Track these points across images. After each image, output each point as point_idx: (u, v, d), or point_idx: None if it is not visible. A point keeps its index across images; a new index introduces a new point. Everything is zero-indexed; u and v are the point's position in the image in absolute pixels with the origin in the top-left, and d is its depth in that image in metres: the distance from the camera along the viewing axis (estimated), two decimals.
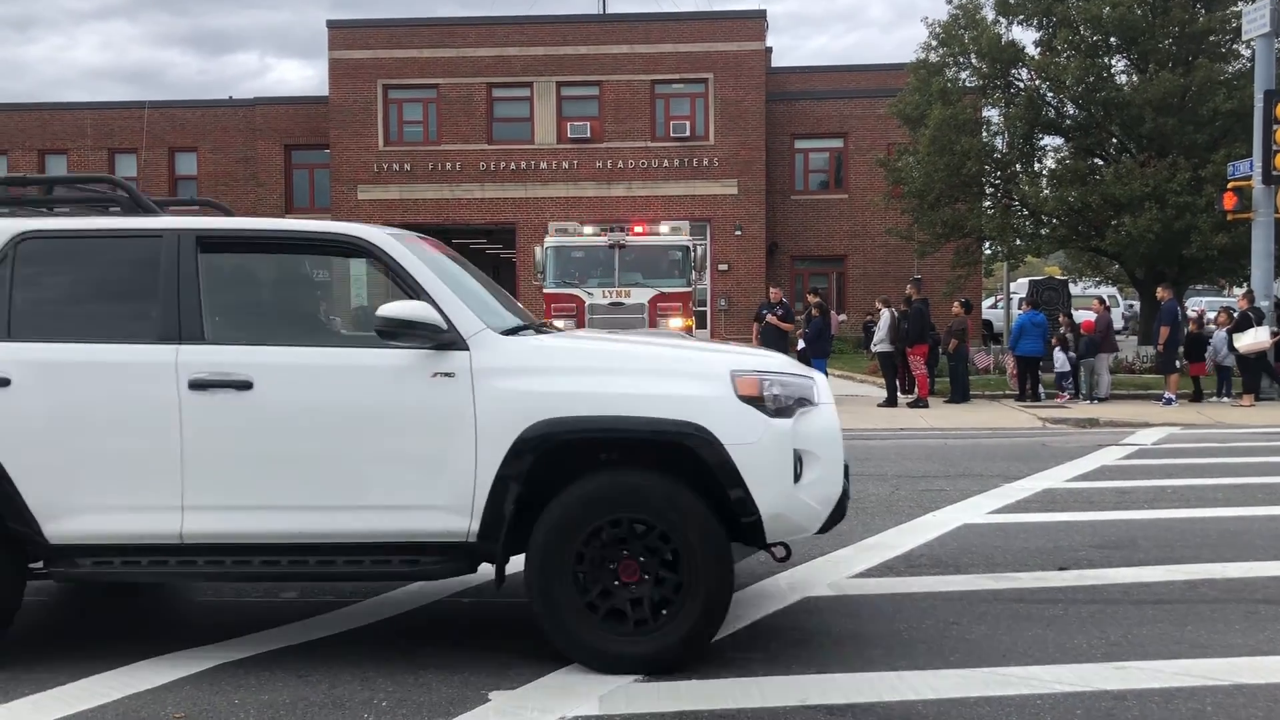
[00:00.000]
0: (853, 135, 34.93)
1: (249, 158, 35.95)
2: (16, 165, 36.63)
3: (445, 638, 6.05)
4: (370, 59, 34.14)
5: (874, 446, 14.00)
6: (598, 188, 33.69)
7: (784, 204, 35.08)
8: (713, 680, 5.32)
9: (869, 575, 7.30)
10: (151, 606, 6.76)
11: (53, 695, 5.22)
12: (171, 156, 36.61)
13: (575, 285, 19.41)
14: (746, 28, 34.19)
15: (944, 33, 26.01)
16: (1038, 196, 25.13)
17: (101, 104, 37.81)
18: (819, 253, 35.41)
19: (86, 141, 36.50)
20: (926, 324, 18.38)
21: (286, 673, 5.50)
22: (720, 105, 33.61)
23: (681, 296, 19.44)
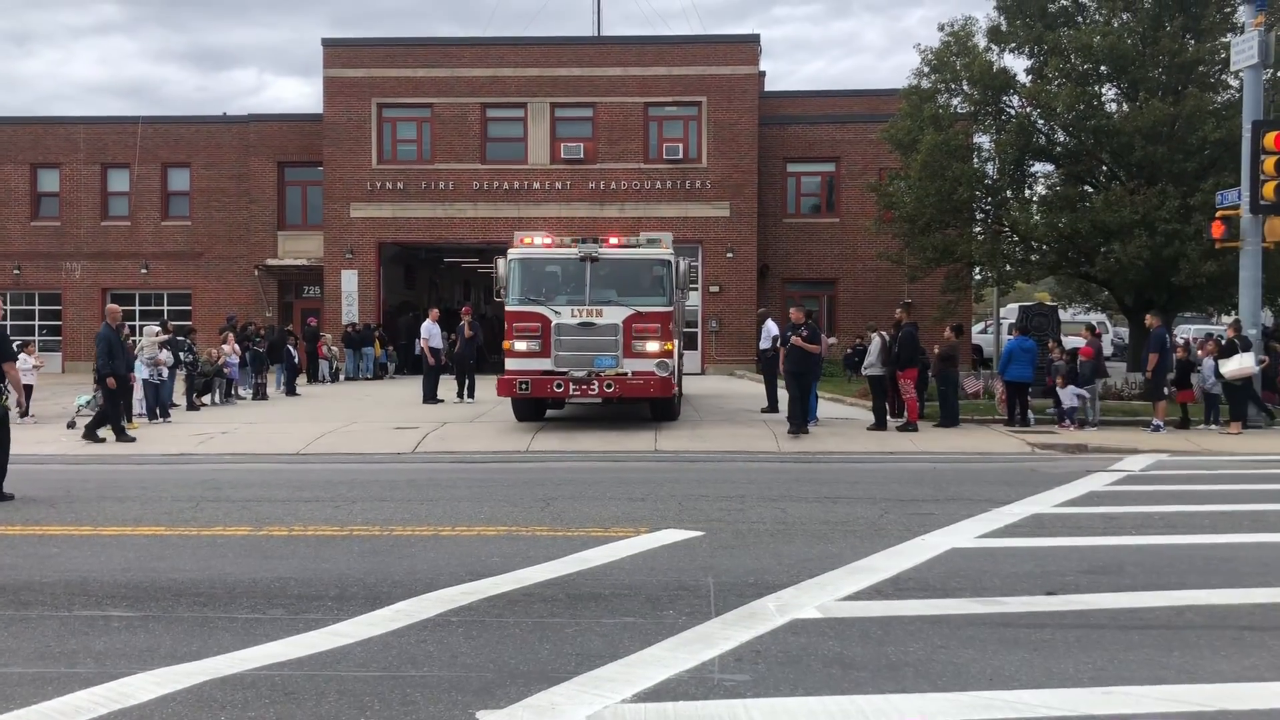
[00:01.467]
0: (845, 159, 35.10)
1: (242, 174, 35.94)
2: (8, 179, 36.59)
3: (432, 658, 6.04)
4: (365, 78, 34.23)
5: (863, 470, 14.02)
6: (590, 208, 33.74)
7: (775, 227, 35.19)
8: (700, 701, 5.32)
9: (857, 598, 7.30)
10: (138, 621, 6.73)
11: (39, 711, 5.20)
12: (164, 172, 36.57)
13: (542, 303, 17.26)
14: (740, 52, 34.38)
15: (936, 59, 26.17)
16: (1028, 223, 25.24)
17: (95, 118, 37.75)
18: (810, 275, 35.52)
19: (79, 156, 36.46)
20: (917, 347, 18.42)
21: (274, 690, 5.48)
22: (713, 128, 33.76)
23: (661, 317, 17.18)
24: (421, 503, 11.26)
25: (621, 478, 13.16)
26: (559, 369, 17.01)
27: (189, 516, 10.46)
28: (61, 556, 8.70)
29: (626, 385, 16.96)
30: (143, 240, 36.38)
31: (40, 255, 36.47)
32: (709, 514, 10.44)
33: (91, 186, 36.47)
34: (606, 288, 17.31)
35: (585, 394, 17.22)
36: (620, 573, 8.00)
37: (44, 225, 36.66)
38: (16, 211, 36.62)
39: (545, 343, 17.12)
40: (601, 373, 16.93)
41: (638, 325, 17.05)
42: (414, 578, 7.82)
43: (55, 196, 36.69)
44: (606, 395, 17.20)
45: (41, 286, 36.67)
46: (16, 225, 36.56)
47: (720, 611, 6.89)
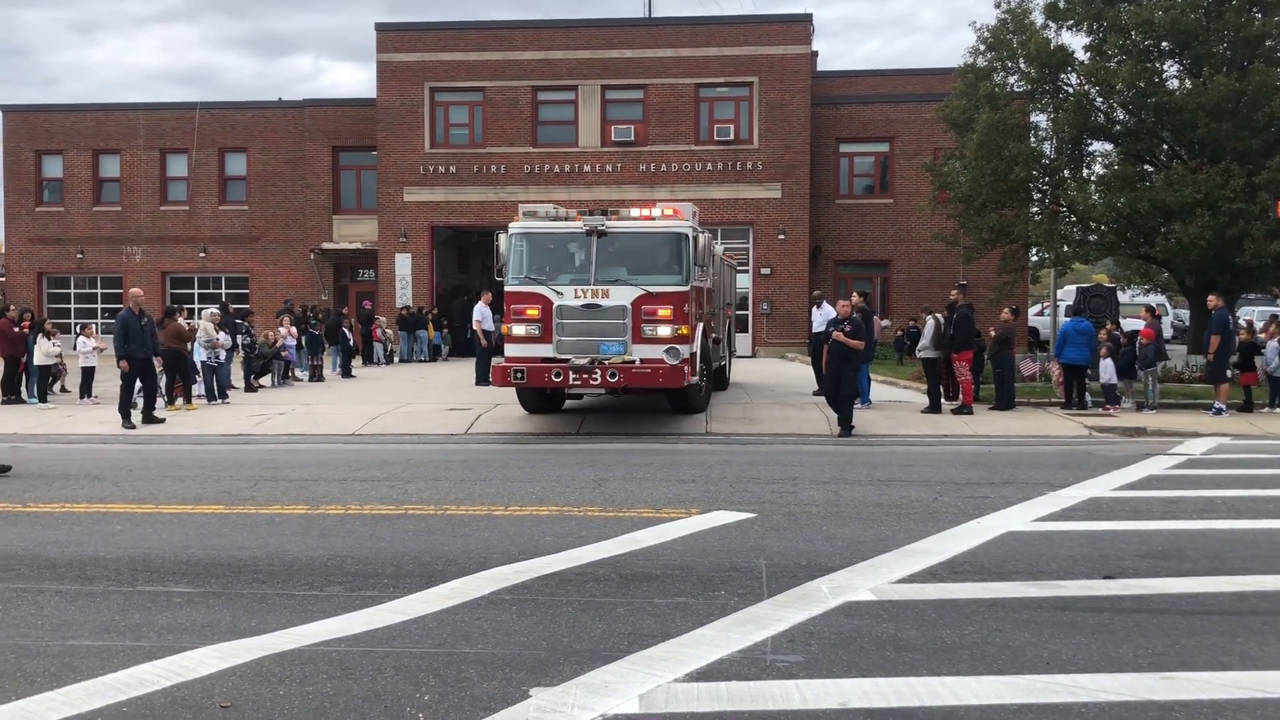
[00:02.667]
0: (898, 139, 34.69)
1: (297, 159, 36.34)
2: (72, 165, 37.32)
3: (486, 635, 6.09)
4: (418, 62, 34.41)
5: (916, 453, 13.90)
6: (641, 191, 33.66)
7: (828, 208, 34.90)
8: (753, 681, 5.32)
9: (911, 581, 7.25)
10: (199, 597, 6.87)
11: (105, 682, 5.33)
12: (221, 157, 37.07)
13: (542, 282, 15.46)
14: (792, 31, 34.06)
15: (992, 37, 25.73)
16: (1086, 203, 24.78)
17: (154, 105, 38.36)
18: (863, 257, 35.18)
19: (139, 142, 37.07)
20: (972, 330, 18.20)
21: (331, 666, 5.57)
22: (765, 109, 33.52)
23: (675, 298, 15.19)
24: (475, 482, 11.35)
25: (673, 459, 13.16)
26: (561, 356, 15.24)
27: (247, 495, 10.64)
28: (125, 533, 8.89)
29: (633, 375, 14.98)
30: (201, 224, 36.94)
31: (102, 240, 37.17)
32: (760, 496, 10.41)
33: (151, 172, 37.07)
34: (616, 265, 15.46)
35: (587, 384, 15.30)
36: (672, 553, 8.01)
37: (105, 210, 37.35)
38: (79, 197, 37.34)
39: (546, 326, 15.35)
40: (606, 360, 15.10)
41: (647, 307, 15.15)
42: (468, 556, 7.90)
43: (116, 182, 37.36)
44: (611, 386, 15.29)
45: (103, 270, 37.39)
46: (80, 210, 37.28)
47: (773, 593, 6.88)
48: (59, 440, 15.54)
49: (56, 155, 37.50)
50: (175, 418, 17.45)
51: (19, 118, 37.71)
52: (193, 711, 4.96)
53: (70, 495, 10.71)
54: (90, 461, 13.30)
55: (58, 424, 17.02)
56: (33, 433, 16.13)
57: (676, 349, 15.07)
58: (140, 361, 16.60)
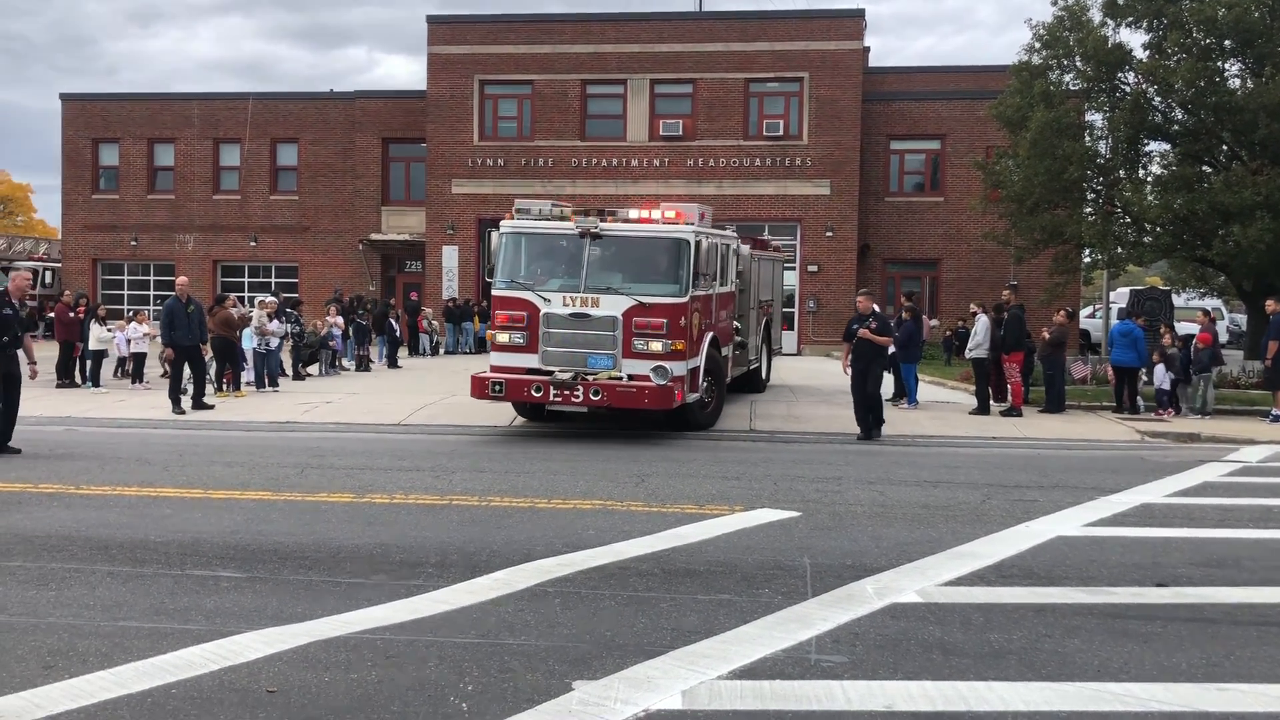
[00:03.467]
0: (950, 137, 34.32)
1: (348, 150, 36.65)
2: (127, 153, 37.90)
3: (530, 627, 6.09)
4: (468, 54, 34.56)
5: (964, 454, 13.74)
6: (688, 186, 33.59)
7: (878, 205, 34.61)
8: (797, 681, 5.27)
9: (958, 584, 7.16)
10: (246, 582, 6.93)
11: (154, 663, 5.39)
12: (273, 147, 37.46)
13: (530, 288, 14.34)
14: (844, 27, 33.80)
15: (1048, 34, 25.38)
16: (1141, 204, 24.36)
17: (208, 95, 38.86)
18: (912, 256, 34.87)
19: (193, 131, 37.57)
20: (1023, 331, 17.96)
21: (376, 654, 5.60)
22: (815, 104, 33.29)
23: (670, 310, 13.88)
24: (518, 475, 11.37)
25: (716, 456, 13.12)
26: (546, 367, 14.21)
27: (294, 482, 10.74)
28: (174, 517, 9.01)
29: (617, 394, 13.84)
30: (252, 214, 37.37)
31: (156, 227, 37.73)
32: (805, 495, 10.34)
33: (204, 161, 37.56)
34: (610, 271, 14.31)
35: (568, 401, 14.10)
36: (715, 550, 7.98)
37: (159, 199, 37.90)
38: (134, 185, 37.92)
39: (532, 335, 14.26)
40: (590, 376, 14.01)
41: (639, 320, 13.91)
42: (512, 548, 7.91)
43: (170, 171, 37.89)
44: (593, 405, 14.08)
45: (157, 258, 37.95)
46: (134, 198, 37.87)
47: (817, 592, 6.83)
48: (110, 424, 15.79)
49: (113, 143, 38.12)
50: (224, 404, 17.67)
51: (77, 106, 38.37)
52: (239, 695, 5.01)
53: (121, 479, 10.87)
54: (141, 446, 13.50)
55: (110, 408, 17.30)
56: (86, 416, 16.40)
57: (665, 367, 13.80)
58: (187, 349, 16.82)
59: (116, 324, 21.72)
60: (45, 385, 20.14)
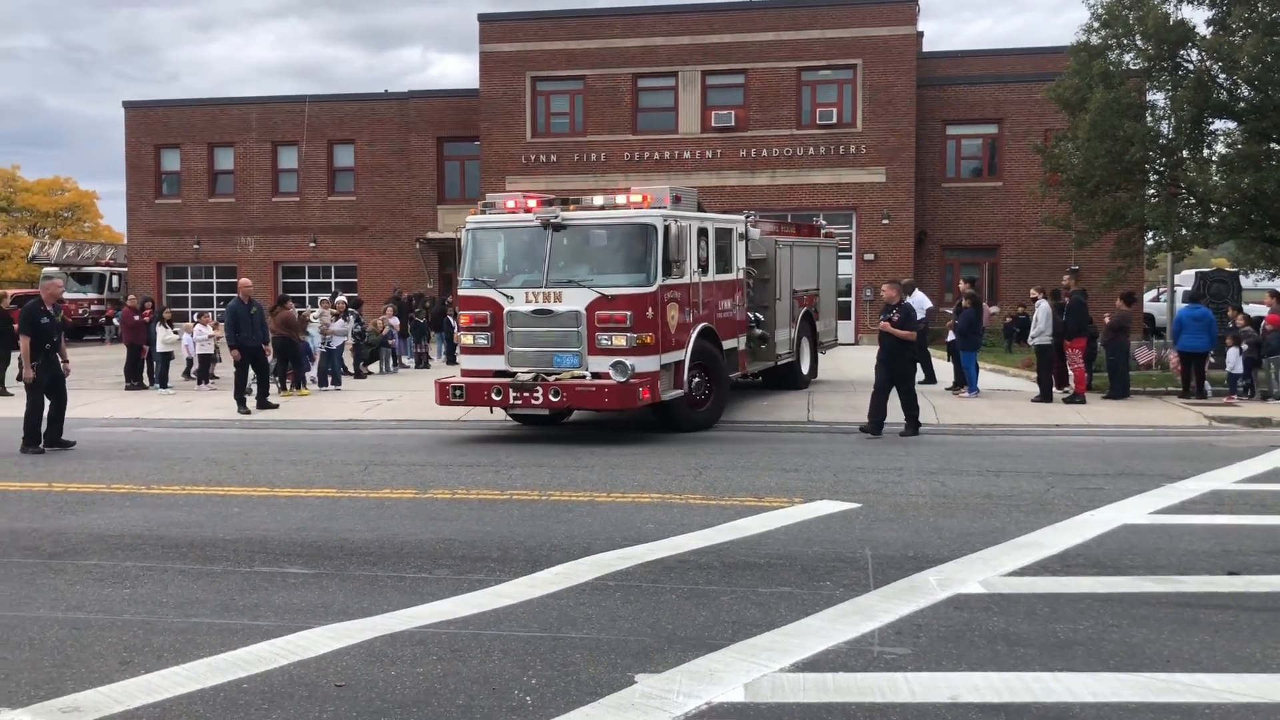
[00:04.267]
0: (1008, 121, 33.81)
1: (403, 149, 37.02)
2: (188, 158, 38.62)
3: (591, 620, 6.13)
4: (519, 52, 34.72)
5: (1027, 443, 13.56)
6: (741, 177, 33.50)
7: (934, 192, 34.23)
8: (860, 674, 5.25)
9: (1023, 574, 7.07)
10: (313, 578, 7.06)
11: (226, 659, 5.52)
12: (330, 149, 37.96)
13: (493, 285, 13.68)
14: (897, 12, 33.43)
15: (1107, 13, 24.83)
16: (1206, 184, 23.76)
17: (266, 98, 39.44)
18: (971, 242, 34.42)
19: (252, 135, 38.18)
20: (1085, 316, 17.65)
21: (441, 647, 5.67)
22: (869, 91, 32.98)
23: (635, 301, 13.00)
24: (577, 469, 11.43)
25: (773, 448, 13.07)
26: (511, 369, 13.61)
27: (358, 479, 10.90)
28: (242, 515, 9.19)
29: (576, 393, 13.13)
30: (310, 215, 37.89)
31: (217, 230, 38.41)
32: (865, 486, 10.28)
33: (263, 164, 38.15)
34: (575, 264, 13.53)
35: (528, 404, 13.36)
36: (775, 543, 7.96)
37: (220, 202, 38.58)
38: (196, 189, 38.64)
39: (497, 336, 13.61)
40: (551, 376, 13.35)
41: (601, 313, 13.08)
42: (572, 542, 7.96)
43: (230, 174, 38.55)
44: (553, 406, 13.40)
45: (219, 260, 38.65)
46: (196, 202, 38.59)
47: (879, 584, 6.79)
48: (178, 425, 16.13)
49: (174, 149, 38.87)
50: (288, 403, 17.97)
51: (139, 113, 39.17)
52: (309, 689, 5.10)
53: (190, 478, 11.11)
54: (208, 445, 13.78)
55: (177, 409, 17.67)
56: (154, 417, 16.77)
57: (624, 363, 12.92)
58: (251, 350, 17.11)
59: (182, 326, 22.16)
60: (114, 387, 20.65)
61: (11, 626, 6.13)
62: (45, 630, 6.05)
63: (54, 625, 6.14)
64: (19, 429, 13.26)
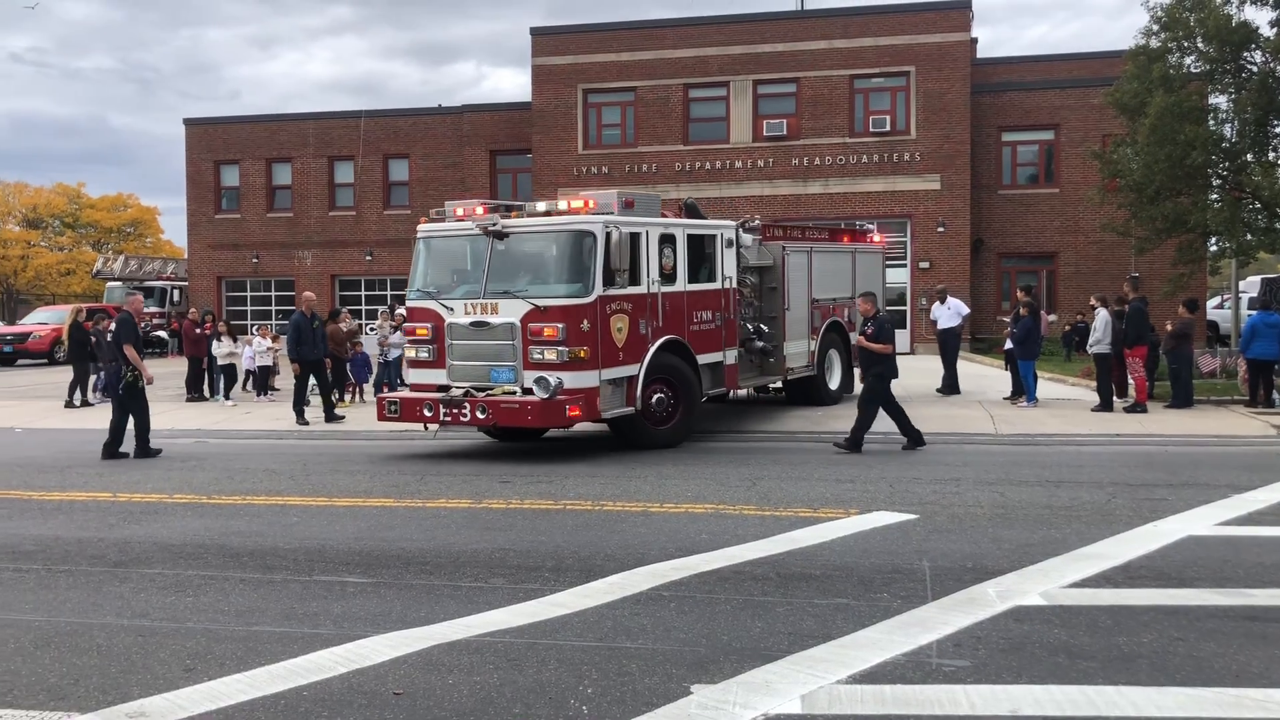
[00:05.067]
0: (1064, 127, 33.37)
1: (457, 163, 37.38)
2: (247, 173, 39.33)
3: (646, 631, 6.13)
4: (571, 64, 34.93)
5: (1087, 453, 13.34)
6: (793, 185, 33.40)
7: (990, 199, 33.86)
8: (918, 686, 5.20)
9: (1084, 585, 6.96)
10: (371, 587, 7.13)
11: (286, 667, 5.59)
12: (385, 163, 38.45)
13: (435, 296, 13.33)
14: (950, 19, 33.16)
15: (1167, 16, 24.44)
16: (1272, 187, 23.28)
17: (322, 114, 40.06)
18: (1028, 250, 33.99)
19: (309, 150, 38.80)
20: (1146, 324, 17.33)
21: (497, 656, 5.70)
22: (923, 99, 32.73)
23: (571, 313, 12.40)
24: (630, 479, 11.44)
25: (828, 458, 12.98)
26: (451, 384, 13.19)
27: (414, 489, 11.01)
28: (301, 525, 9.32)
29: (501, 410, 12.63)
30: (367, 229, 38.38)
31: (276, 244, 39.05)
32: (922, 496, 10.17)
33: (320, 179, 38.73)
34: (515, 274, 12.98)
35: (457, 421, 12.96)
36: (831, 554, 7.91)
37: (278, 216, 39.22)
38: (254, 204, 39.33)
39: (439, 349, 13.22)
40: (482, 392, 12.89)
41: (533, 325, 12.51)
42: (626, 552, 7.97)
43: (288, 189, 39.18)
44: (480, 424, 13.03)
45: (277, 274, 39.27)
46: (255, 217, 39.27)
47: (937, 596, 6.71)
48: (238, 436, 16.39)
49: (233, 165, 39.61)
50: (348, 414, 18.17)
51: (200, 130, 39.97)
52: (367, 698, 5.15)
53: (250, 488, 11.29)
54: (267, 456, 13.99)
55: (238, 420, 17.96)
56: (215, 428, 17.06)
57: (547, 379, 12.32)
58: (313, 363, 17.35)
59: (243, 339, 22.54)
60: (175, 399, 21.03)
61: (79, 632, 6.26)
62: (112, 636, 6.17)
63: (120, 632, 6.27)
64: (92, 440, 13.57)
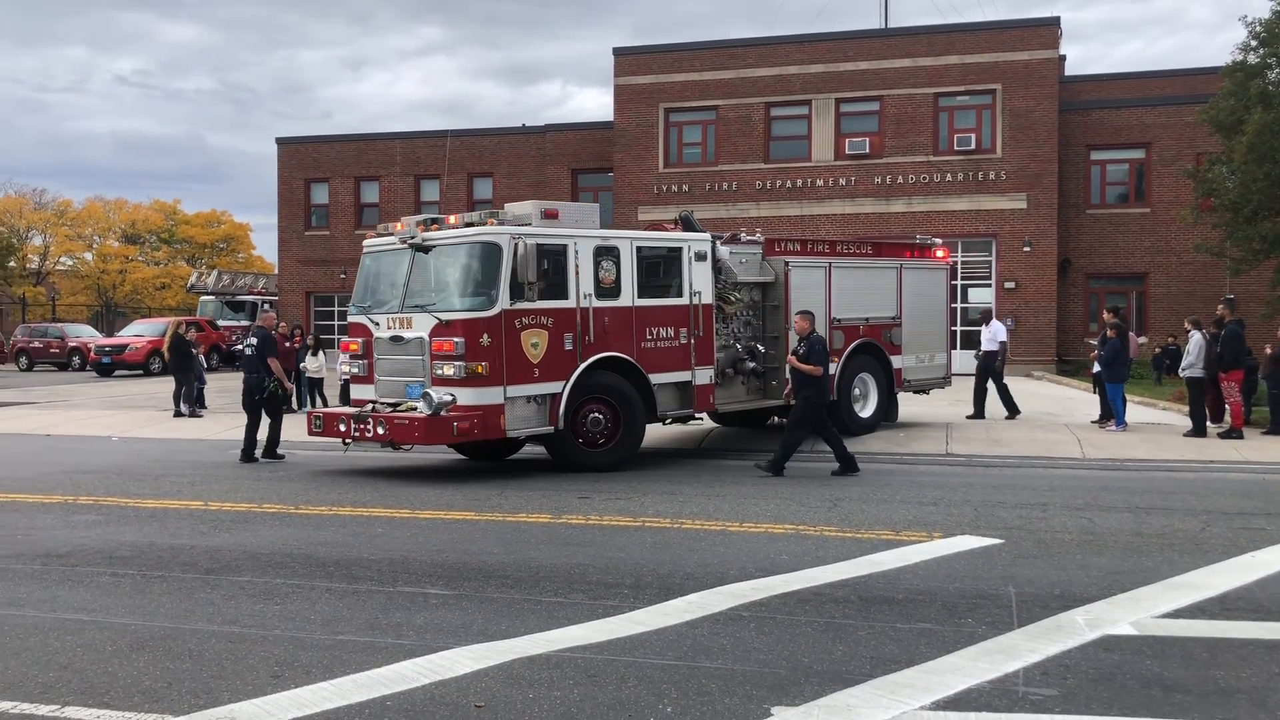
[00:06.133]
0: (1156, 145, 32.61)
1: (540, 182, 37.79)
2: (336, 191, 40.25)
3: (726, 651, 6.10)
4: (652, 84, 35.13)
5: (1179, 479, 12.97)
6: (876, 204, 33.13)
7: (1078, 218, 33.19)
8: (1004, 714, 5.09)
9: (1177, 616, 6.76)
10: (453, 599, 7.21)
11: (371, 676, 5.68)
12: (470, 182, 39.05)
13: (365, 311, 13.50)
14: (1038, 36, 32.66)
15: (1266, 31, 23.82)
16: None
17: (409, 134, 40.85)
18: (1117, 270, 33.23)
19: (396, 169, 39.57)
20: (1242, 348, 16.81)
21: (577, 672, 5.73)
22: (1009, 116, 32.25)
23: (471, 327, 12.17)
24: (709, 498, 11.42)
25: (911, 480, 12.82)
26: (378, 399, 13.21)
27: (495, 503, 11.12)
28: (385, 536, 9.47)
29: (395, 426, 12.45)
30: None
31: None
32: (1007, 521, 9.98)
33: (406, 197, 39.44)
34: (431, 287, 12.93)
35: (364, 436, 12.84)
36: (914, 577, 7.79)
37: (366, 233, 39.92)
38: (343, 221, 40.19)
39: (369, 364, 13.34)
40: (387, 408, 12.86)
41: (436, 340, 12.38)
42: (705, 571, 7.95)
43: (375, 207, 39.95)
44: (380, 439, 12.80)
45: None
46: (343, 234, 40.11)
47: (1023, 623, 6.58)
48: (324, 447, 16.69)
49: (323, 183, 40.55)
50: None
51: (291, 149, 41.02)
52: (449, 710, 5.21)
53: (336, 499, 11.50)
54: (353, 468, 14.25)
55: None
56: (302, 439, 17.39)
57: (431, 395, 12.17)
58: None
59: (329, 353, 23.03)
60: None
61: (173, 637, 6.44)
62: (203, 642, 6.33)
63: (211, 637, 6.43)
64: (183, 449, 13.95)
